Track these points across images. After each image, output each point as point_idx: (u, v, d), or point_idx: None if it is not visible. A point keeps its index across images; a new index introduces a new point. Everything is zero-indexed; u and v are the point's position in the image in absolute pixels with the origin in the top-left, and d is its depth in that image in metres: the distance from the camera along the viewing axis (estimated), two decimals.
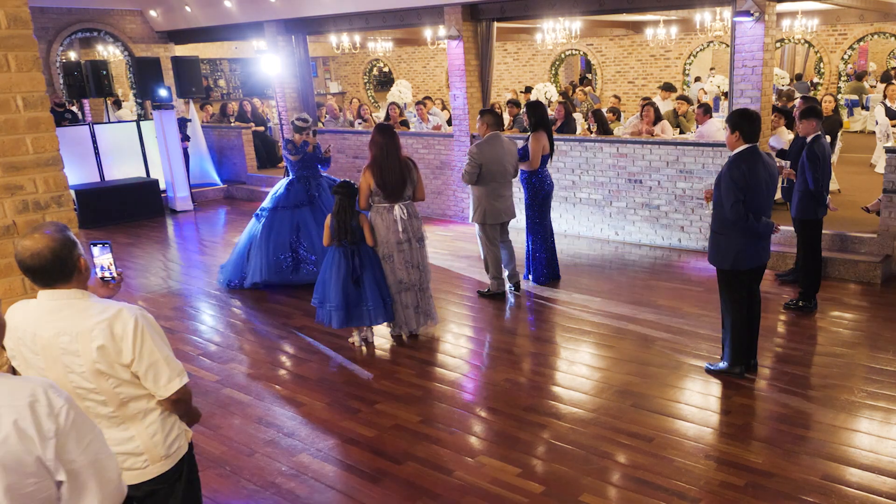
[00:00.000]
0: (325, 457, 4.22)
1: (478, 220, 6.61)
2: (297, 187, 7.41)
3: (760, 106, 7.53)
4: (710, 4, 10.12)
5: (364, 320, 5.69)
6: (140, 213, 11.37)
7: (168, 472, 2.45)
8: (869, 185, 9.15)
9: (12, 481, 1.66)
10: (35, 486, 1.69)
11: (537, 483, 3.85)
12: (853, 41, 15.72)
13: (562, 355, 5.59)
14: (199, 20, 12.80)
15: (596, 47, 18.45)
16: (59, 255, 2.15)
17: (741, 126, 4.60)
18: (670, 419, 4.48)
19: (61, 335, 2.20)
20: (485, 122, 6.50)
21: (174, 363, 2.36)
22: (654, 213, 8.48)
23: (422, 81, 20.90)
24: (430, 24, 10.81)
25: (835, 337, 5.74)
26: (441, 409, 4.76)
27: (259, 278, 7.24)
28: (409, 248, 5.72)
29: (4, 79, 2.83)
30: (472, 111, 9.82)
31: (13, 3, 2.82)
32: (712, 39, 16.41)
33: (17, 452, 1.66)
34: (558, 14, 9.32)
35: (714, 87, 14.05)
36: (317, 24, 11.60)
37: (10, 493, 1.66)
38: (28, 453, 1.67)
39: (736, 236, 4.68)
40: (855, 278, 6.96)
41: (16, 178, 2.90)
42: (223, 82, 18.60)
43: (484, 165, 6.38)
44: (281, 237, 7.25)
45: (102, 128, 11.88)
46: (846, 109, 15.30)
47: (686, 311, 6.29)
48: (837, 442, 4.15)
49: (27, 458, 1.67)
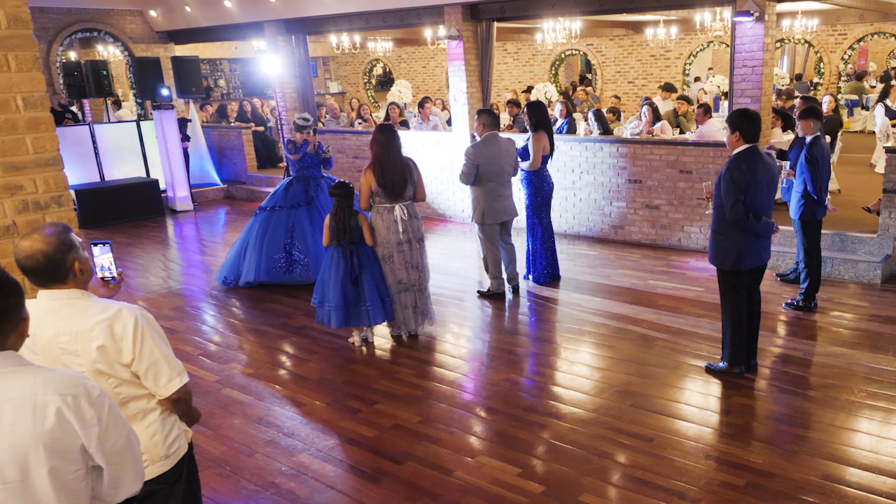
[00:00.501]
0: (325, 457, 4.22)
1: (477, 219, 6.62)
2: (296, 187, 7.42)
3: (760, 106, 7.53)
4: (710, 4, 10.12)
5: (363, 320, 5.69)
6: (140, 213, 11.37)
7: (168, 472, 2.45)
8: (869, 185, 9.15)
9: (55, 465, 1.78)
10: (75, 473, 1.82)
11: (537, 483, 3.85)
12: (853, 41, 15.72)
13: (562, 355, 5.59)
14: (199, 20, 12.80)
15: (596, 47, 18.45)
16: (51, 259, 2.16)
17: (741, 126, 4.61)
18: (670, 419, 4.48)
19: (61, 335, 2.20)
20: (481, 122, 6.50)
21: (174, 362, 2.36)
22: (654, 213, 8.48)
23: (422, 81, 20.90)
24: (430, 24, 10.81)
25: (835, 337, 5.74)
26: (441, 409, 4.76)
27: (253, 278, 7.26)
28: (409, 249, 5.72)
29: (4, 79, 2.83)
30: (472, 111, 9.82)
31: (13, 3, 2.82)
32: (712, 39, 16.41)
33: (62, 440, 1.77)
34: (558, 14, 9.32)
35: (714, 87, 14.06)
36: (317, 24, 11.60)
37: (54, 479, 1.78)
38: (72, 441, 1.79)
39: (736, 236, 4.68)
40: (855, 278, 6.96)
41: (16, 178, 2.91)
42: (223, 82, 18.60)
43: (481, 166, 6.38)
44: (276, 237, 7.26)
45: (102, 128, 11.88)
46: (846, 109, 15.30)
47: (686, 311, 6.29)
48: (837, 442, 4.15)
49: (71, 445, 1.79)
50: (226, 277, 7.52)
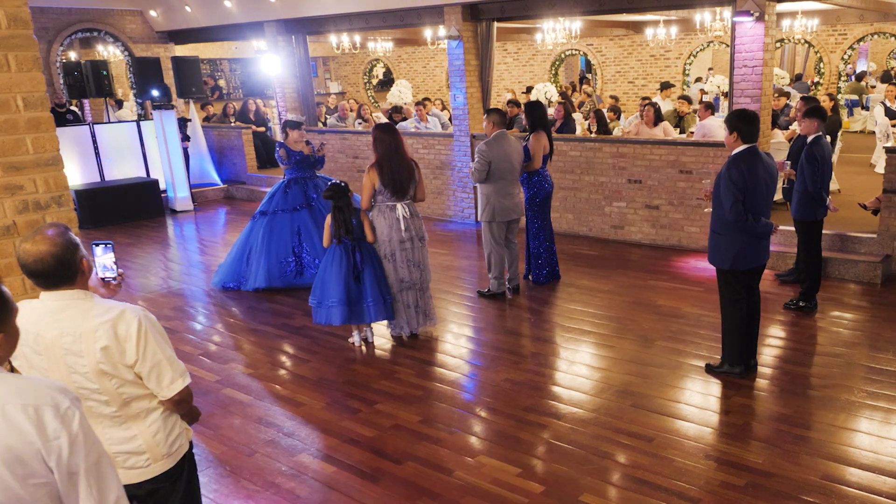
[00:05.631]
0: (325, 457, 4.22)
1: (486, 218, 6.63)
2: (295, 189, 7.36)
3: (760, 106, 7.53)
4: (710, 4, 10.12)
5: (364, 317, 5.69)
6: (140, 213, 11.37)
7: (170, 471, 2.46)
8: (869, 185, 9.15)
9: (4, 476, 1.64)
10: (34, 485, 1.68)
11: (537, 483, 3.85)
12: (853, 41, 15.72)
13: (562, 355, 5.59)
14: (199, 20, 12.80)
15: (596, 47, 18.45)
16: (62, 260, 2.14)
17: (739, 127, 4.61)
18: (670, 419, 4.48)
19: (64, 336, 2.20)
20: (491, 121, 6.52)
21: (177, 364, 2.36)
22: (654, 213, 8.48)
23: (422, 81, 20.89)
24: (430, 24, 10.81)
25: (835, 337, 5.75)
26: (441, 409, 4.76)
27: (262, 283, 7.19)
28: (411, 248, 5.73)
29: (4, 79, 2.83)
30: (472, 111, 9.82)
31: (13, 3, 2.82)
32: (712, 39, 16.41)
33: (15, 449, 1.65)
34: (558, 14, 9.32)
35: (714, 86, 14.06)
36: (317, 24, 11.60)
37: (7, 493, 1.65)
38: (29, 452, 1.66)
39: (735, 236, 4.68)
40: (855, 278, 6.96)
41: (16, 178, 2.91)
42: (223, 82, 18.60)
43: (493, 163, 6.40)
44: (282, 242, 7.21)
45: (102, 128, 11.88)
46: (846, 109, 15.30)
47: (686, 311, 6.29)
48: (837, 442, 4.15)
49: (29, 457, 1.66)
50: (225, 284, 7.45)
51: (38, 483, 1.68)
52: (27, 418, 1.66)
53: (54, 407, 1.70)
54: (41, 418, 1.68)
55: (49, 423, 1.68)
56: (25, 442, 1.66)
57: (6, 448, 1.64)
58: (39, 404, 1.69)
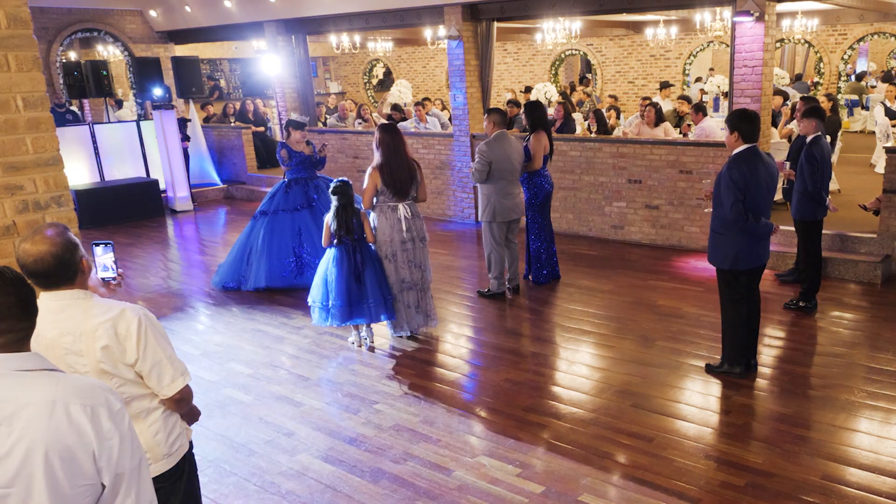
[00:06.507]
0: (325, 457, 4.22)
1: (487, 218, 6.63)
2: (295, 189, 7.36)
3: (760, 106, 7.53)
4: (710, 4, 10.13)
5: (365, 317, 5.70)
6: (140, 213, 11.37)
7: (170, 471, 2.46)
8: (869, 185, 9.15)
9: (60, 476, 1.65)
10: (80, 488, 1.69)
11: (537, 483, 3.85)
12: (853, 41, 15.72)
13: (562, 355, 5.59)
14: (199, 20, 12.80)
15: (596, 47, 18.45)
16: (62, 260, 2.14)
17: (740, 127, 4.61)
18: (670, 419, 4.48)
19: (65, 335, 2.20)
20: (492, 121, 6.52)
21: (177, 362, 2.37)
22: (654, 213, 8.48)
23: (422, 81, 20.90)
24: (430, 24, 10.82)
25: (835, 337, 5.75)
26: (441, 409, 4.76)
27: (262, 283, 7.19)
28: (412, 248, 5.74)
29: (4, 79, 2.83)
30: (472, 111, 9.82)
31: (13, 3, 2.82)
32: (712, 39, 16.41)
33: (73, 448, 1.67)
34: (558, 14, 9.32)
35: (714, 86, 14.06)
36: (317, 24, 11.60)
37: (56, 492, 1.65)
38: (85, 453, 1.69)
39: (735, 236, 4.68)
40: (855, 278, 6.96)
41: (16, 178, 2.90)
42: (223, 82, 18.60)
43: (493, 163, 6.40)
44: (283, 242, 7.21)
45: (102, 128, 11.88)
46: (846, 109, 15.30)
47: (686, 311, 6.29)
48: (837, 442, 4.15)
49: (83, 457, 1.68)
50: (225, 284, 7.45)
51: (85, 485, 1.70)
52: (87, 418, 1.69)
53: (108, 407, 1.73)
54: (98, 418, 1.71)
55: (104, 422, 1.71)
56: (83, 442, 1.68)
57: (65, 447, 1.66)
58: (96, 404, 1.72)
